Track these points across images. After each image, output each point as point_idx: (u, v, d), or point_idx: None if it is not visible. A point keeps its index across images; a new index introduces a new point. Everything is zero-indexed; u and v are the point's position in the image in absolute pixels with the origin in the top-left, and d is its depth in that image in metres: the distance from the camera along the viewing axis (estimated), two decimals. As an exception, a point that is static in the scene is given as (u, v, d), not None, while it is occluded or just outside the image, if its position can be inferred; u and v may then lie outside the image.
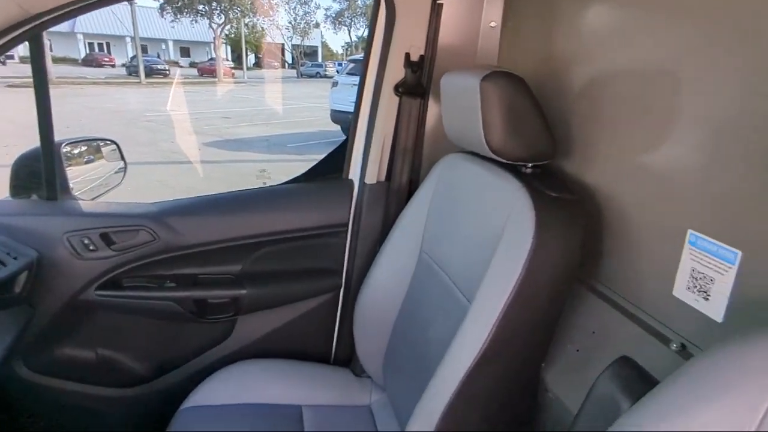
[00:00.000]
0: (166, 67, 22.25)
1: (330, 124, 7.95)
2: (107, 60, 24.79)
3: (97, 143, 1.36)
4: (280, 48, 31.50)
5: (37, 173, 1.09)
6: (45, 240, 1.04)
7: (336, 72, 12.56)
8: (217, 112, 11.39)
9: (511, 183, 0.80)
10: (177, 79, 20.06)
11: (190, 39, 30.17)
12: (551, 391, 0.83)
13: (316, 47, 36.45)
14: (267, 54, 30.79)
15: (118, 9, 24.29)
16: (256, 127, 9.28)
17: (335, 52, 40.92)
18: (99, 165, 1.34)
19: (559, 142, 0.89)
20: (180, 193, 1.23)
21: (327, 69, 26.03)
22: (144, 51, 23.91)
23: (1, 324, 0.92)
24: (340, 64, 18.19)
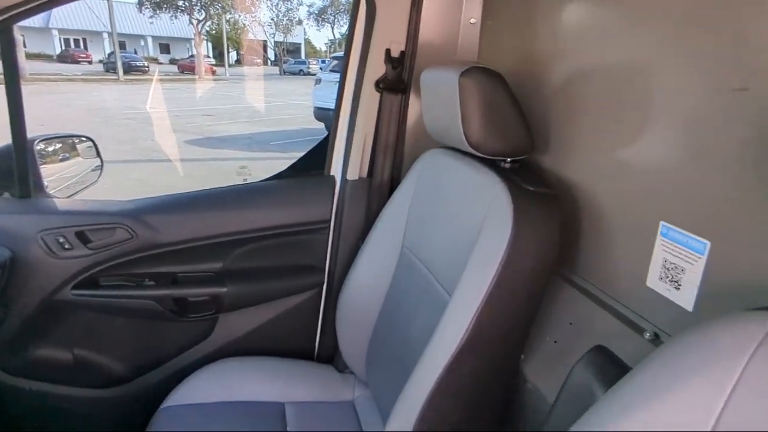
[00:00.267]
0: (145, 64, 21.82)
1: (313, 121, 7.90)
2: (84, 56, 24.14)
3: (73, 140, 1.33)
4: (262, 45, 31.17)
5: (10, 171, 1.06)
6: (18, 239, 1.02)
7: (319, 69, 12.49)
8: (199, 109, 11.23)
9: (490, 177, 0.81)
10: (156, 76, 19.68)
11: (169, 35, 29.66)
12: (530, 382, 0.84)
13: (299, 44, 36.21)
14: (249, 51, 30.43)
15: (94, 4, 23.73)
16: (238, 125, 9.16)
17: (318, 49, 40.72)
18: (74, 163, 1.31)
19: (537, 137, 0.91)
20: (159, 192, 1.21)
21: (310, 66, 25.89)
22: (122, 47, 23.44)
23: None
24: (323, 61, 18.09)
